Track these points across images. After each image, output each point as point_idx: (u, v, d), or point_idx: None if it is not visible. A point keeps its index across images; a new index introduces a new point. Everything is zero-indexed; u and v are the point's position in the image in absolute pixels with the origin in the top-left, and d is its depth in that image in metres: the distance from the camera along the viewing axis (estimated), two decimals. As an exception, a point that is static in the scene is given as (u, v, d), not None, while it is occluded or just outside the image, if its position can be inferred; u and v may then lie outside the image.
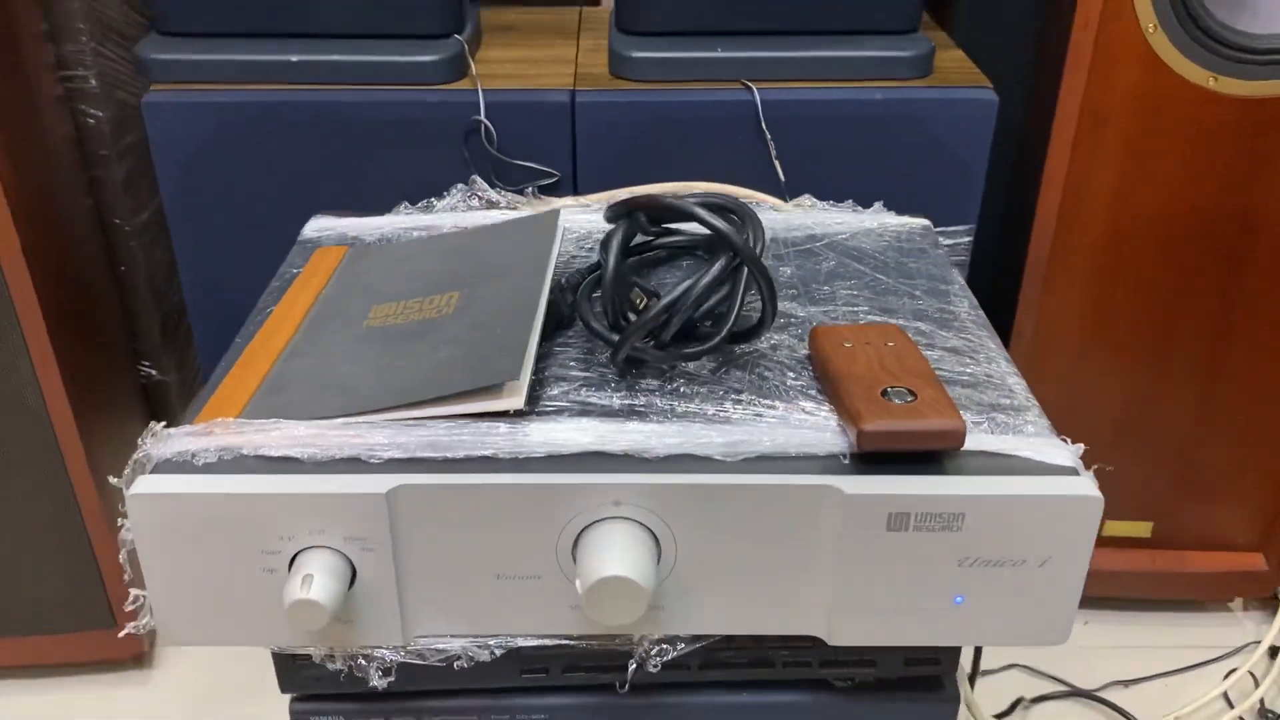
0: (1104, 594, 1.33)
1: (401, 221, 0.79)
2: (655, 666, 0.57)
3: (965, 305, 0.68)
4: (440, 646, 0.56)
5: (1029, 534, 0.53)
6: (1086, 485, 0.53)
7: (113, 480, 0.54)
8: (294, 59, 0.99)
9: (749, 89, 0.99)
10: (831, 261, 0.73)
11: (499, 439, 0.54)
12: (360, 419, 0.55)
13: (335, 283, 0.69)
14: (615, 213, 0.60)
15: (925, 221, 0.79)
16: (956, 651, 0.62)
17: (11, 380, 1.08)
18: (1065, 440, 0.56)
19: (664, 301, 0.56)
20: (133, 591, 0.57)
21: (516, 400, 0.54)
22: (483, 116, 0.97)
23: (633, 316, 0.59)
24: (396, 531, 0.53)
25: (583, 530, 0.53)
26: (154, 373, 1.40)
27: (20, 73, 1.12)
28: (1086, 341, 1.16)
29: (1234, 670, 1.25)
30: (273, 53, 0.99)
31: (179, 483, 0.52)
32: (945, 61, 1.07)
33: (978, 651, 0.93)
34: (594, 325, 0.60)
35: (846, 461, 0.54)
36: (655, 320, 0.57)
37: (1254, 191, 1.07)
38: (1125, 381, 1.19)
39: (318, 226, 0.79)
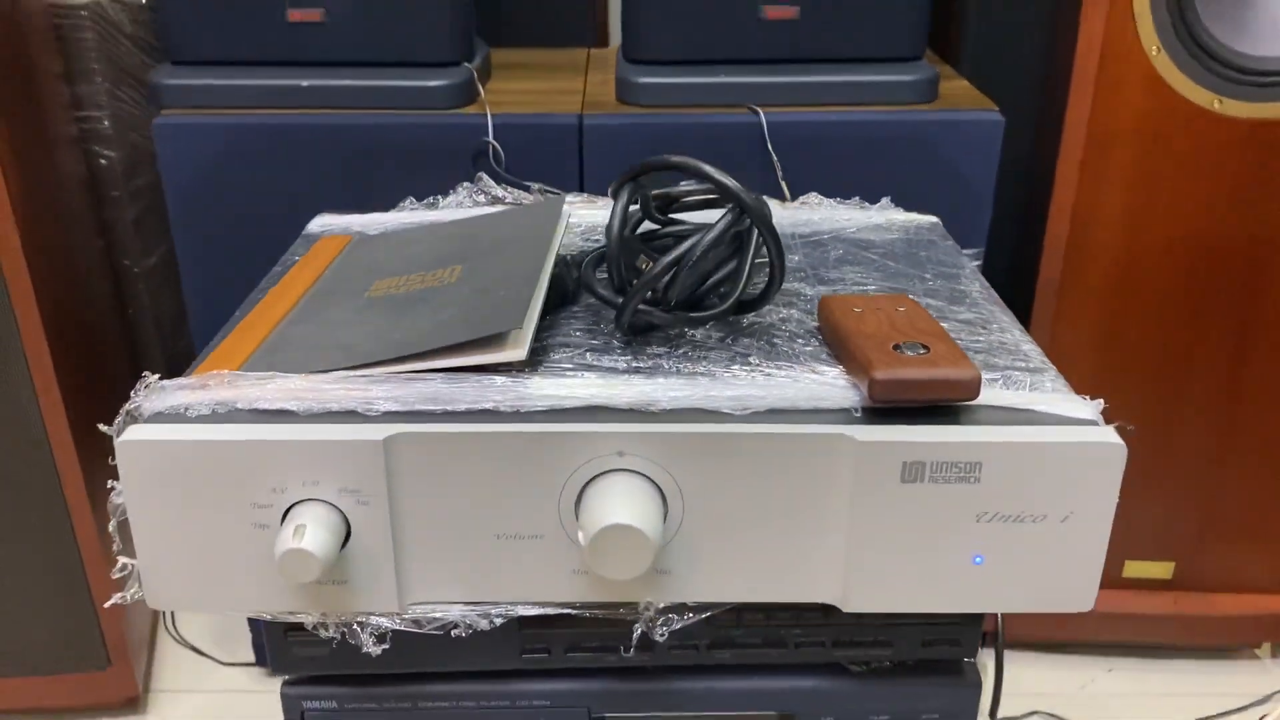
0: (1126, 639, 1.29)
1: (406, 218, 0.78)
2: (662, 635, 0.55)
3: (977, 286, 0.67)
4: (438, 615, 0.54)
5: (1049, 486, 0.51)
6: (1108, 434, 0.51)
7: (102, 427, 0.53)
8: (304, 84, 1.01)
9: (755, 112, 0.99)
10: (839, 250, 0.72)
11: (500, 393, 0.52)
12: (358, 373, 0.53)
13: (338, 265, 0.68)
14: (621, 180, 0.59)
15: (934, 218, 0.79)
16: (977, 632, 0.59)
17: (16, 417, 1.07)
18: (1085, 398, 0.54)
19: (669, 257, 0.56)
20: (120, 559, 0.55)
21: (519, 352, 0.53)
22: (490, 138, 0.97)
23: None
24: (394, 484, 0.51)
25: (586, 485, 0.51)
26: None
27: (36, 112, 1.13)
28: (1100, 370, 1.14)
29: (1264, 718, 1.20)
30: (283, 80, 1.00)
31: (170, 431, 0.50)
32: (950, 90, 1.08)
33: (997, 689, 0.89)
34: (599, 290, 0.59)
35: (858, 415, 0.52)
36: (661, 277, 0.56)
37: (1266, 214, 1.06)
38: (1141, 412, 1.17)
39: (322, 223, 0.79)
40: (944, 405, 0.52)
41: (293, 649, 0.58)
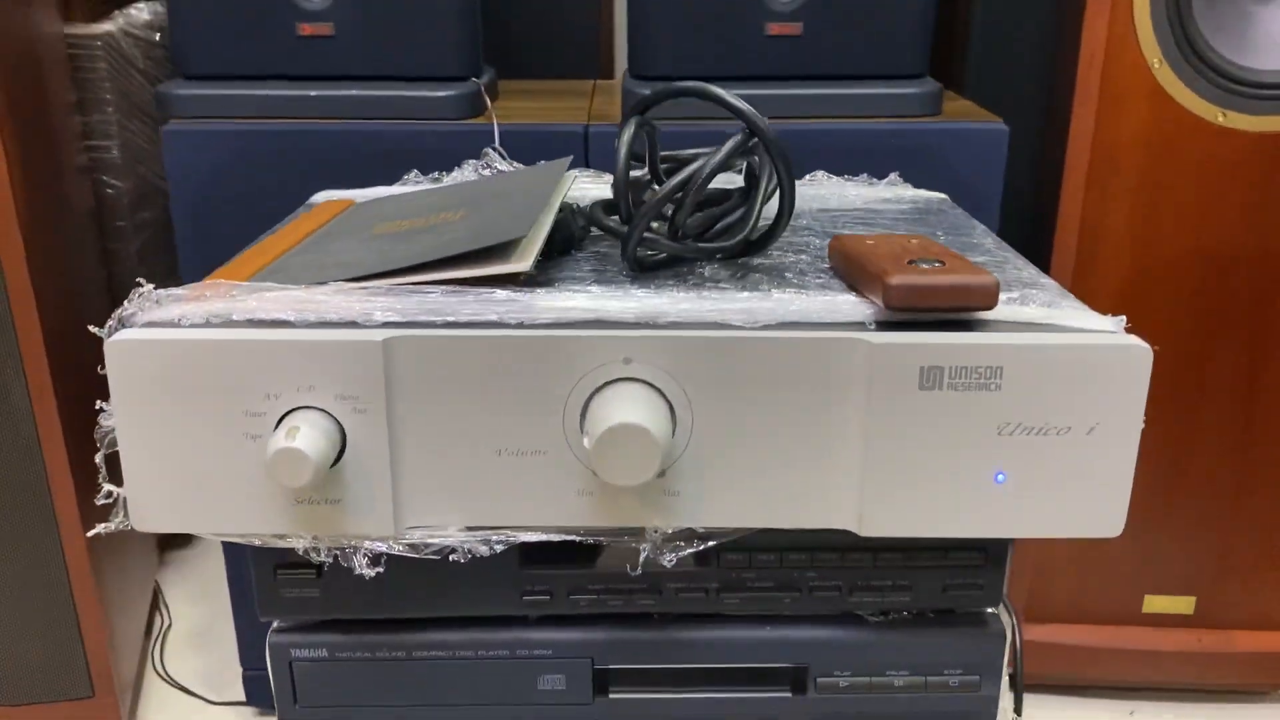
0: (1149, 680, 1.24)
1: (410, 190, 0.78)
2: (670, 561, 0.52)
3: (990, 241, 0.66)
4: (435, 540, 0.52)
5: (1073, 393, 0.49)
6: (1132, 339, 0.49)
7: (93, 329, 0.51)
8: (313, 93, 1.01)
9: (760, 120, 0.99)
10: (849, 218, 0.71)
11: (503, 305, 0.51)
12: (358, 285, 0.52)
13: (341, 217, 0.67)
14: (629, 112, 0.59)
15: (943, 195, 0.78)
16: (1001, 576, 0.57)
17: (12, 442, 1.06)
18: (1107, 316, 0.52)
19: (675, 179, 0.55)
20: (106, 487, 0.53)
21: (524, 263, 0.52)
22: (497, 144, 0.97)
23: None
24: (392, 391, 0.49)
25: (592, 395, 0.49)
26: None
27: (49, 141, 1.14)
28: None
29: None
30: (291, 90, 1.01)
31: (161, 333, 0.49)
32: (954, 107, 1.08)
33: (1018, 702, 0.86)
34: (605, 221, 0.58)
35: (873, 328, 0.50)
36: (668, 199, 0.55)
37: (1275, 227, 1.06)
38: (1155, 436, 1.14)
39: (324, 196, 0.78)
40: (961, 318, 0.50)
41: (281, 590, 0.56)
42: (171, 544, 1.52)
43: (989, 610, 0.58)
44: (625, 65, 1.09)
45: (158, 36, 1.34)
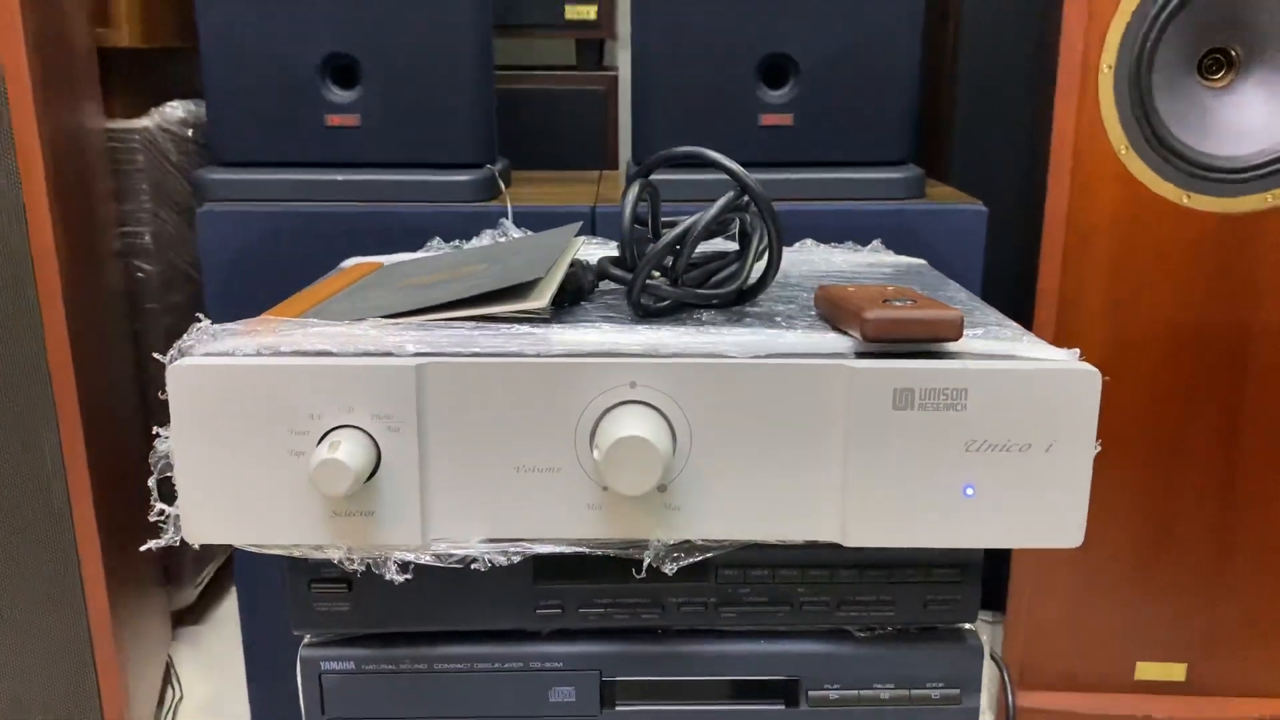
0: (1145, 748, 1.26)
1: (434, 254, 0.84)
2: (671, 570, 0.57)
3: (963, 295, 0.72)
4: (458, 550, 0.57)
5: (1031, 413, 0.55)
6: (1083, 365, 0.55)
7: (156, 356, 0.57)
8: (339, 178, 1.09)
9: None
10: (835, 277, 0.78)
11: (523, 338, 0.57)
12: (391, 322, 0.58)
13: (371, 276, 0.74)
14: (633, 176, 0.66)
15: (923, 261, 0.85)
16: (976, 593, 0.62)
17: (44, 506, 1.12)
18: (1061, 349, 0.58)
19: (674, 233, 0.61)
20: (158, 506, 0.58)
21: (542, 301, 0.58)
22: (509, 220, 1.05)
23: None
24: (423, 411, 0.55)
25: (600, 416, 0.55)
26: (169, 531, 1.42)
27: (89, 226, 1.22)
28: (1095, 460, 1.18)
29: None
30: (319, 175, 1.09)
31: (218, 360, 0.55)
32: (937, 192, 1.16)
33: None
34: (613, 271, 0.65)
35: (852, 357, 0.56)
36: (668, 250, 0.61)
37: (1242, 302, 1.13)
38: (1139, 505, 1.19)
39: (353, 262, 0.85)
40: (930, 348, 0.57)
41: (314, 604, 0.60)
42: (184, 619, 1.56)
43: (966, 626, 0.63)
44: (629, 156, 1.18)
45: (190, 132, 1.43)
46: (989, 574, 0.68)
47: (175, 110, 1.41)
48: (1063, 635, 1.24)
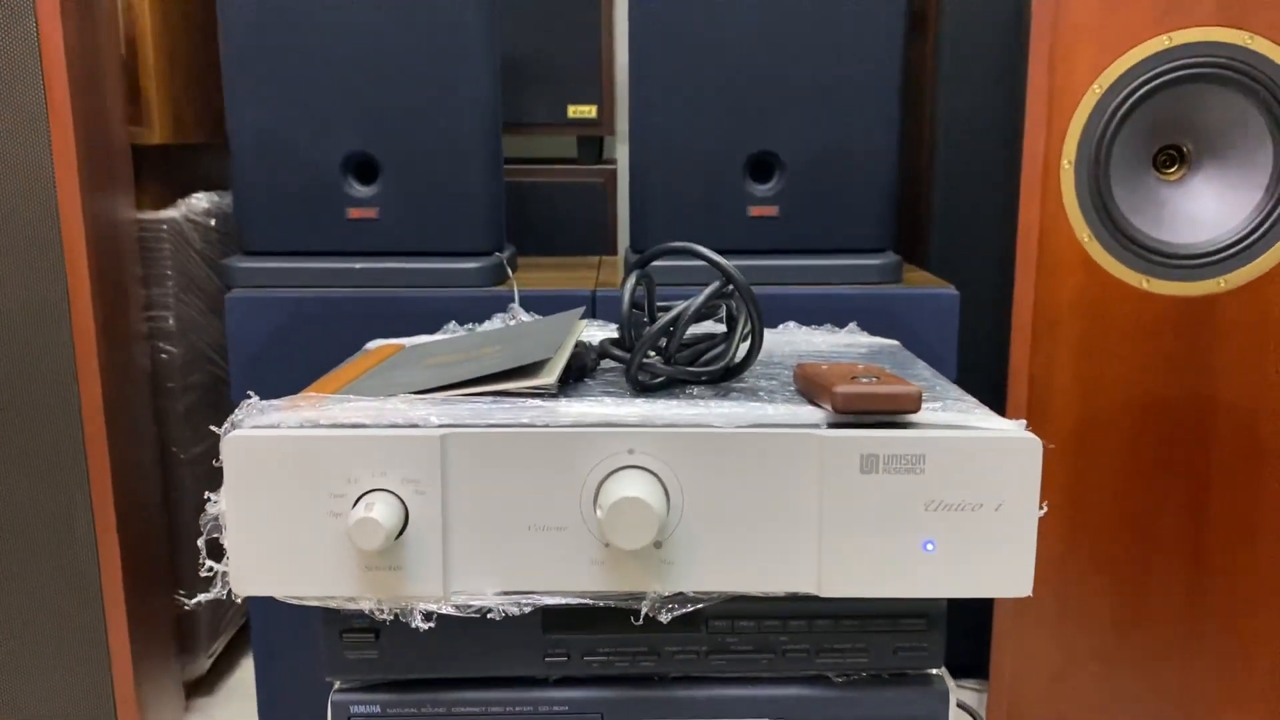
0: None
1: (451, 336, 0.92)
2: (665, 618, 0.64)
3: (929, 373, 0.80)
4: (475, 602, 0.64)
5: (982, 476, 0.62)
6: (1026, 433, 0.63)
7: (213, 428, 0.65)
8: (358, 266, 1.18)
9: (745, 287, 1.15)
10: (813, 357, 0.85)
11: (534, 411, 0.65)
12: (418, 398, 0.66)
13: (394, 357, 0.82)
14: (630, 268, 0.74)
15: (896, 342, 0.93)
16: (941, 641, 0.68)
17: (72, 572, 1.18)
18: (1009, 420, 0.66)
19: (665, 319, 0.69)
20: (208, 563, 0.66)
21: (550, 378, 0.66)
22: (517, 304, 1.13)
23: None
24: (447, 476, 0.62)
25: (602, 480, 0.63)
26: (188, 602, 1.48)
27: (121, 309, 1.30)
28: (1067, 533, 1.25)
29: None
30: (340, 263, 1.17)
31: (266, 432, 0.62)
32: (914, 277, 1.25)
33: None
34: (613, 351, 0.72)
35: (824, 427, 0.64)
36: (662, 333, 0.69)
37: (1203, 382, 1.20)
38: (1113, 576, 1.26)
39: (376, 344, 0.93)
40: (893, 419, 0.64)
41: (345, 652, 0.67)
42: (196, 690, 1.60)
43: (934, 671, 0.69)
44: (628, 243, 1.26)
45: (213, 222, 1.52)
46: (973, 643, 0.73)
47: (200, 202, 1.50)
48: (1044, 702, 1.30)
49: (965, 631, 1.30)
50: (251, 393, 0.67)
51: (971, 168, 1.38)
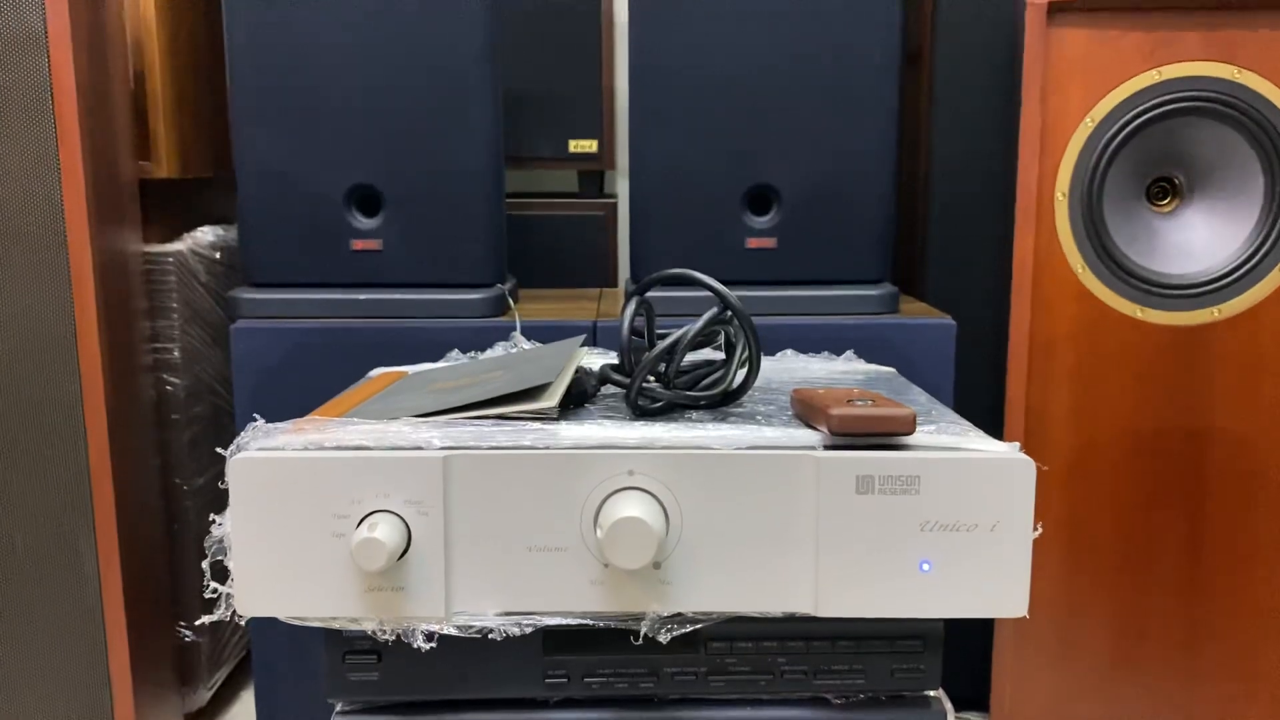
0: None
1: (453, 363, 0.93)
2: (664, 638, 0.65)
3: (924, 398, 0.81)
4: (476, 623, 0.64)
5: (976, 497, 0.63)
6: (1019, 454, 0.64)
7: (219, 450, 0.66)
8: (362, 297, 1.19)
9: (743, 317, 1.17)
10: (811, 384, 0.87)
11: (535, 434, 0.66)
12: (421, 421, 0.67)
13: (398, 383, 0.83)
14: (630, 294, 0.75)
15: (892, 369, 0.94)
16: (937, 662, 0.69)
17: (79, 605, 1.19)
18: (1003, 442, 0.67)
19: (664, 344, 0.71)
20: (212, 584, 0.66)
21: (550, 402, 0.67)
22: (519, 332, 1.14)
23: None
24: (448, 498, 0.63)
25: (602, 500, 0.63)
26: (189, 634, 1.48)
27: (127, 342, 1.32)
28: (1065, 561, 1.25)
29: None
30: (344, 294, 1.19)
31: (271, 454, 0.63)
32: (911, 308, 1.26)
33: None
34: (613, 376, 0.74)
35: (820, 449, 0.65)
36: (660, 359, 0.70)
37: (1197, 409, 1.21)
38: (1112, 605, 1.26)
39: (379, 371, 0.94)
40: (889, 441, 0.65)
41: (348, 674, 0.68)
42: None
43: (931, 693, 0.70)
44: (628, 275, 1.28)
45: (218, 256, 1.54)
46: (974, 676, 0.73)
47: (206, 235, 1.52)
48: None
49: (966, 663, 1.31)
50: (257, 415, 0.68)
51: (967, 200, 1.39)
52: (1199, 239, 1.22)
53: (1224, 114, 1.16)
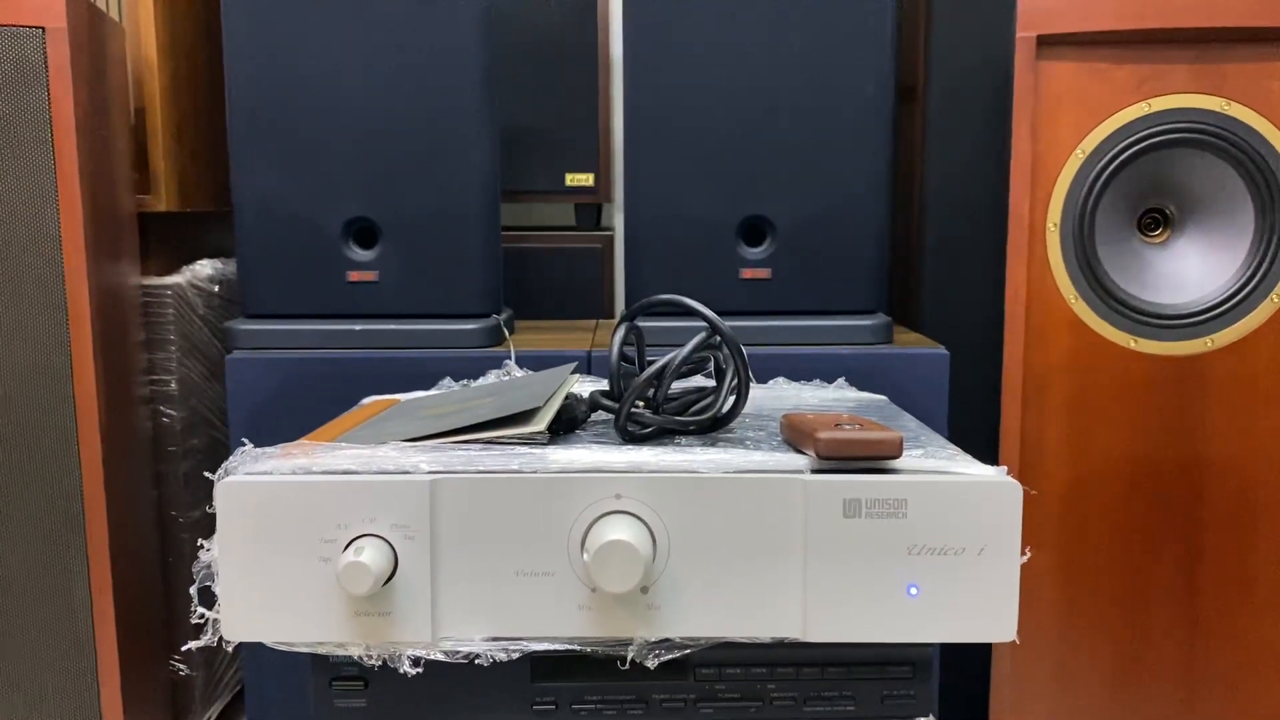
0: None
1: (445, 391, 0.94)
2: (653, 663, 0.64)
3: (914, 424, 0.81)
4: (463, 648, 0.64)
5: (964, 521, 0.63)
6: (1006, 478, 0.64)
7: (206, 474, 0.66)
8: (357, 327, 1.20)
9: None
10: (799, 410, 0.87)
11: (523, 458, 0.66)
12: (409, 445, 0.67)
13: (389, 410, 0.83)
14: (620, 320, 0.76)
15: (884, 397, 0.94)
16: (931, 687, 0.68)
17: (70, 635, 1.19)
18: (990, 466, 0.67)
19: (652, 369, 0.71)
20: (199, 610, 0.66)
21: (539, 426, 0.67)
22: (513, 361, 1.15)
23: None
24: (435, 522, 0.63)
25: (590, 524, 0.63)
26: (183, 668, 1.47)
27: (124, 374, 1.32)
28: (1063, 591, 1.24)
29: None
30: (340, 325, 1.19)
31: (259, 478, 0.64)
32: (905, 339, 1.27)
33: None
34: (603, 401, 0.74)
35: (808, 472, 0.65)
36: (650, 383, 0.71)
37: (1192, 439, 1.21)
38: (1109, 635, 1.25)
39: (371, 399, 0.94)
40: (876, 465, 0.65)
41: (334, 700, 0.67)
42: (190, 757, 1.59)
43: (922, 720, 0.69)
44: (623, 306, 1.28)
45: (217, 288, 1.54)
46: (972, 709, 0.72)
47: (204, 268, 1.53)
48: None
49: (966, 692, 1.30)
50: (246, 440, 0.68)
51: (961, 231, 1.40)
52: (1191, 269, 1.22)
53: (1214, 145, 1.17)
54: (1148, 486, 1.22)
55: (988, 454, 1.30)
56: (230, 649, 0.64)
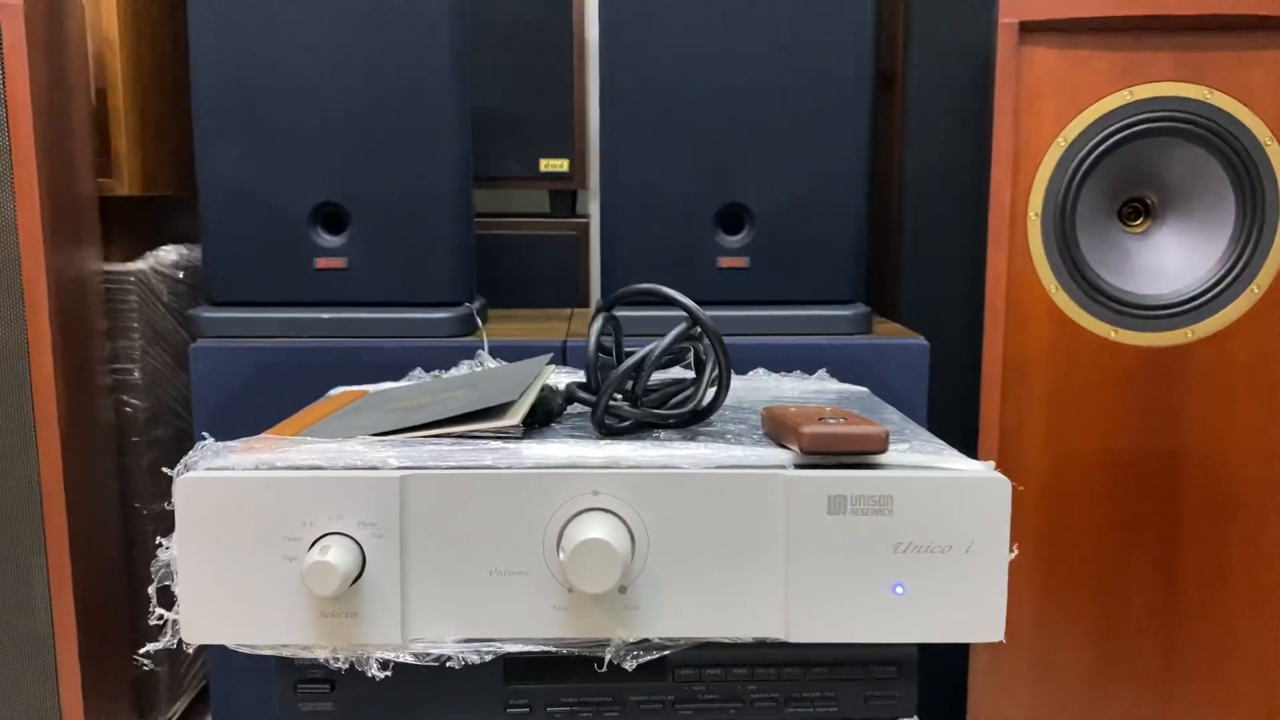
0: None
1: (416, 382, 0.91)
2: (630, 665, 0.62)
3: (897, 417, 0.79)
4: (435, 650, 0.62)
5: (951, 517, 0.61)
6: (994, 473, 0.62)
7: (165, 470, 0.63)
8: (325, 315, 1.17)
9: (715, 337, 1.15)
10: (783, 402, 0.85)
11: (496, 453, 0.63)
12: (377, 440, 0.65)
13: (358, 401, 0.80)
14: (597, 309, 0.73)
15: (865, 389, 0.92)
16: (913, 688, 0.67)
17: (29, 631, 1.15)
18: (977, 461, 0.65)
19: (631, 361, 0.69)
20: (158, 611, 0.64)
21: (514, 420, 0.64)
22: (486, 351, 1.12)
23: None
24: (405, 520, 0.61)
25: (566, 522, 0.61)
26: (146, 663, 1.44)
27: (84, 362, 1.29)
28: (1039, 581, 1.23)
29: None
30: (307, 314, 1.16)
31: (220, 474, 0.61)
32: (884, 329, 1.25)
33: None
34: (580, 394, 0.71)
35: (790, 468, 0.63)
36: (628, 375, 0.68)
37: (1171, 430, 1.21)
38: (1087, 628, 1.24)
39: (339, 390, 0.91)
40: (861, 461, 0.63)
41: (299, 704, 0.65)
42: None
43: (906, 720, 0.68)
44: (599, 294, 1.26)
45: (181, 275, 1.50)
46: (950, 705, 0.70)
47: (169, 254, 1.49)
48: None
49: (942, 686, 1.29)
50: (207, 434, 0.65)
51: (940, 220, 1.38)
52: (1172, 260, 1.21)
53: (1196, 135, 1.16)
54: (1127, 477, 1.21)
55: (966, 445, 1.29)
56: (191, 650, 0.62)
